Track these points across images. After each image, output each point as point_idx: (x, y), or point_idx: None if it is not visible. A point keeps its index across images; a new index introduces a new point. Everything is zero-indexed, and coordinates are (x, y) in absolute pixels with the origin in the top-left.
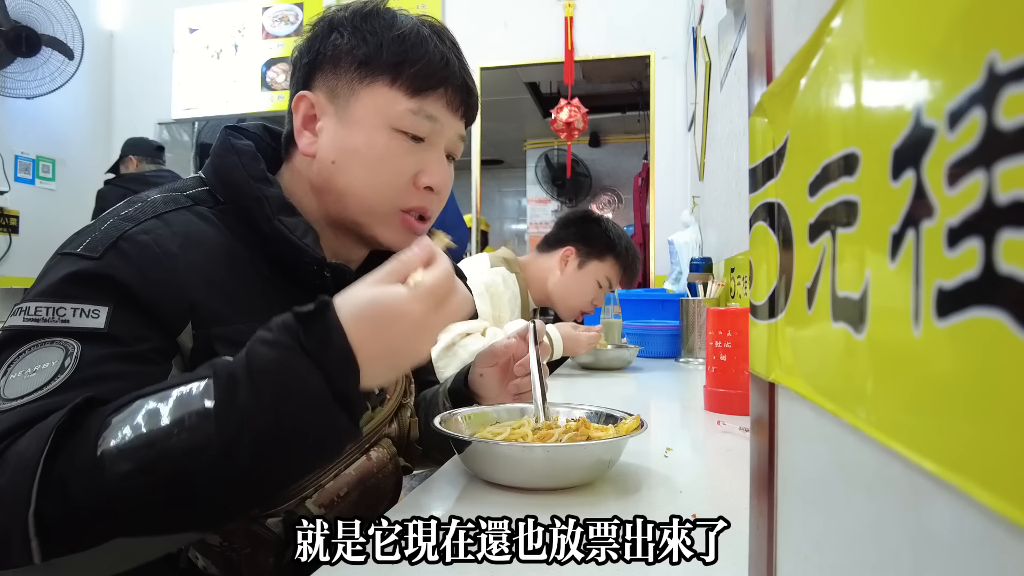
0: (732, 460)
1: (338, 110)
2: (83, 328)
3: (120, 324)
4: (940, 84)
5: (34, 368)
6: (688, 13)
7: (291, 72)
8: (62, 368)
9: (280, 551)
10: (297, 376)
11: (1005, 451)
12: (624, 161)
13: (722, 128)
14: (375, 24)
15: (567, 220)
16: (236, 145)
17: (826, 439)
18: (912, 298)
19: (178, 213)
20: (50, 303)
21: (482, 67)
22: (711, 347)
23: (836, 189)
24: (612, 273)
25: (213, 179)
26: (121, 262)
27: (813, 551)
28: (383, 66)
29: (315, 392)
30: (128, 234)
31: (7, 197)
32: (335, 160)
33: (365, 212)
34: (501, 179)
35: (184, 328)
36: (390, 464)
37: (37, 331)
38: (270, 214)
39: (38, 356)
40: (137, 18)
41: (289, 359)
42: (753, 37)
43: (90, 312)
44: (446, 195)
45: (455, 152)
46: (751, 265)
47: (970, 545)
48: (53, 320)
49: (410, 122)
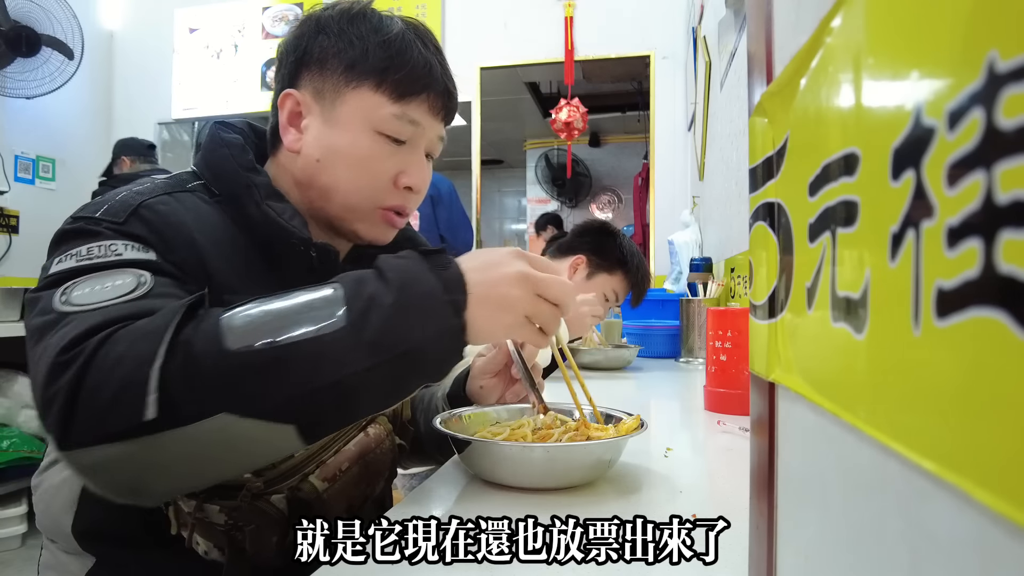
0: (732, 460)
1: (323, 110)
2: (141, 259)
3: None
4: (940, 84)
5: (106, 284)
6: (688, 13)
7: (276, 67)
8: (140, 283)
9: (284, 529)
10: (419, 275)
11: (1004, 451)
12: (624, 161)
13: (722, 128)
14: (362, 28)
15: (583, 229)
16: (225, 138)
17: (826, 439)
18: (912, 298)
19: (185, 194)
20: (99, 242)
21: (482, 67)
22: (711, 347)
23: (836, 189)
24: (620, 288)
25: (205, 171)
26: (144, 225)
27: (813, 551)
28: (369, 71)
29: (433, 290)
30: (147, 203)
31: (7, 197)
32: (320, 158)
33: (347, 209)
34: (501, 179)
35: (203, 291)
36: (387, 440)
37: (95, 266)
38: (259, 199)
39: (107, 277)
40: (137, 18)
41: (414, 265)
42: (753, 37)
43: (141, 248)
44: (424, 193)
45: (434, 152)
46: (751, 265)
47: (970, 545)
48: (107, 255)
49: (393, 126)
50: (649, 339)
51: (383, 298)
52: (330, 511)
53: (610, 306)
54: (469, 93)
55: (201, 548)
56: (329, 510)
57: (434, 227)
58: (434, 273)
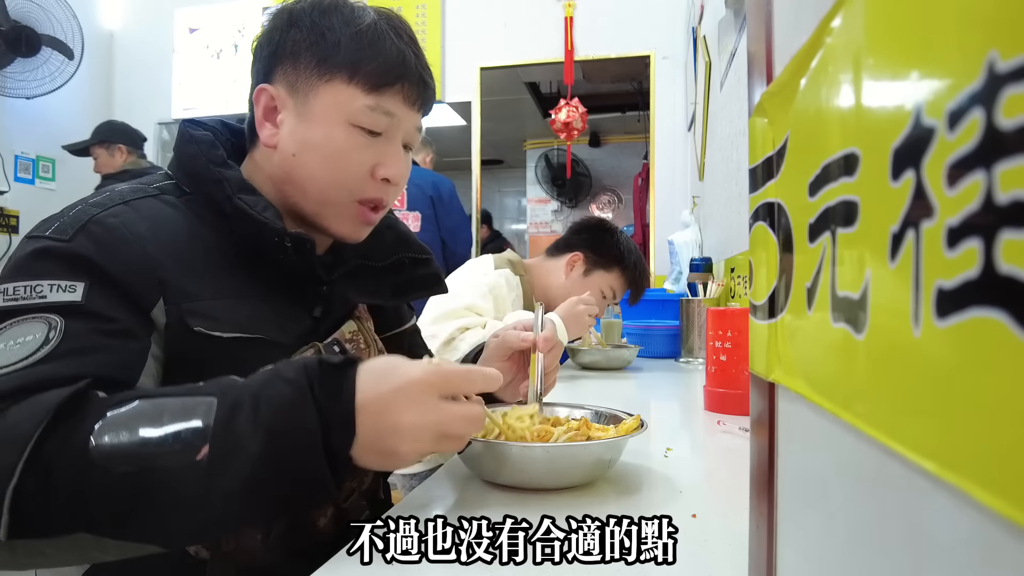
0: (732, 460)
1: (297, 104)
2: (62, 302)
3: (97, 300)
4: (940, 84)
5: (17, 341)
6: (688, 13)
7: (252, 61)
8: (47, 340)
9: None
10: (298, 418)
11: (1004, 451)
12: (624, 161)
13: (722, 128)
14: (333, 20)
15: (580, 226)
16: (194, 135)
17: (826, 439)
18: (912, 298)
19: (145, 201)
20: (26, 282)
21: (482, 67)
22: (711, 347)
23: (836, 189)
24: (617, 285)
25: (177, 171)
26: (91, 242)
27: (813, 550)
28: (341, 63)
29: (310, 439)
30: (97, 217)
31: (7, 197)
32: (295, 153)
33: (323, 203)
34: (501, 179)
35: (157, 304)
36: None
37: (16, 309)
38: (230, 194)
39: (21, 330)
40: (137, 18)
41: (297, 400)
42: (753, 37)
43: (66, 287)
44: (403, 185)
45: (412, 143)
46: (751, 265)
47: (969, 544)
48: (31, 297)
49: (367, 118)
50: (649, 339)
51: (249, 443)
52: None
53: (608, 303)
54: (469, 93)
55: (191, 548)
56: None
57: (435, 228)
58: (317, 407)
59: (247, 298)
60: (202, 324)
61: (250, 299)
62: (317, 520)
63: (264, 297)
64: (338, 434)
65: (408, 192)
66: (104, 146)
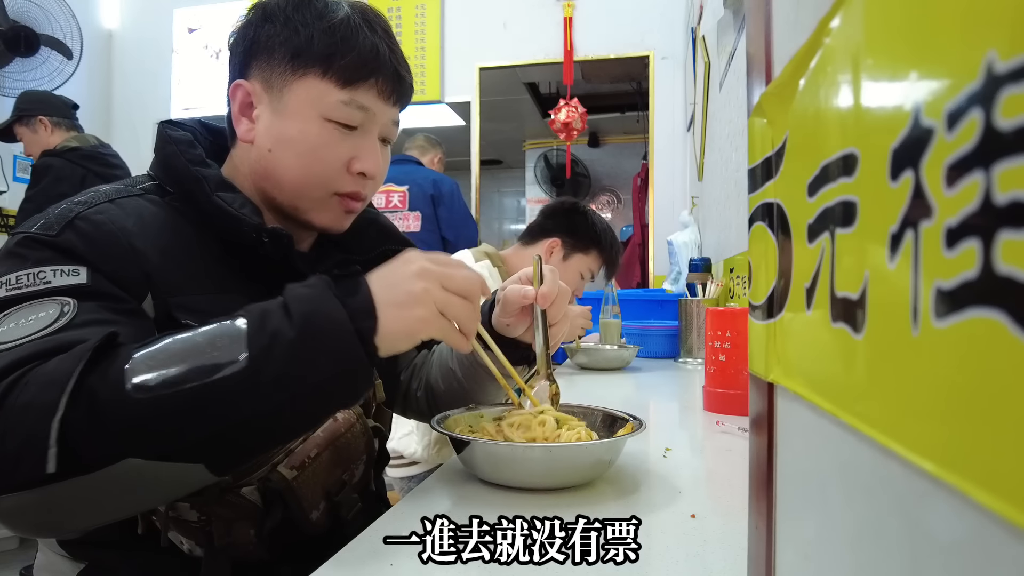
0: (731, 460)
1: (272, 100)
2: (68, 285)
3: (101, 283)
4: (939, 84)
5: (29, 318)
6: (687, 13)
7: (229, 57)
8: (62, 313)
9: (260, 519)
10: (325, 308)
11: (1003, 451)
12: (623, 161)
13: (721, 128)
14: (306, 14)
15: (552, 210)
16: (173, 135)
17: (825, 439)
18: (911, 298)
19: (130, 199)
20: (28, 270)
21: (481, 67)
22: (710, 347)
23: (835, 189)
24: (595, 266)
25: (159, 171)
26: (78, 238)
27: (812, 551)
28: (314, 58)
29: (339, 323)
30: (83, 214)
31: (7, 197)
32: (271, 148)
33: (301, 197)
34: (500, 179)
35: (145, 298)
36: (357, 424)
37: (22, 296)
38: (209, 191)
39: (32, 309)
40: (136, 18)
41: (320, 295)
42: (752, 37)
43: (70, 271)
44: (381, 179)
45: (390, 136)
46: (750, 265)
47: (968, 545)
48: (35, 284)
49: (342, 113)
50: (648, 339)
51: (285, 333)
52: (305, 498)
53: (586, 283)
54: (469, 93)
55: (185, 547)
56: (304, 497)
57: (435, 227)
58: (340, 300)
59: (231, 292)
60: (190, 317)
61: (234, 293)
62: (310, 514)
63: (247, 292)
64: (361, 318)
65: (409, 192)
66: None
